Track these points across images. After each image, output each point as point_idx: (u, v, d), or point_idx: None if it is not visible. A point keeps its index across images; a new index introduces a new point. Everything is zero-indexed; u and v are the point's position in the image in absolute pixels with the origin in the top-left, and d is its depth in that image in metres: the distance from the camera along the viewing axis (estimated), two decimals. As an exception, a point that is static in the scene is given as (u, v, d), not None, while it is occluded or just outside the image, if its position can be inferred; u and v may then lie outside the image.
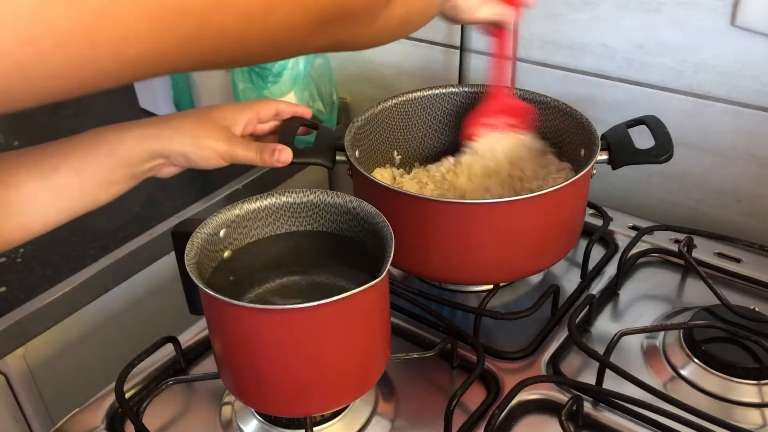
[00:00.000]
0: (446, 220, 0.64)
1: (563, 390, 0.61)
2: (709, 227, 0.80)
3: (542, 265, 0.72)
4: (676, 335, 0.65)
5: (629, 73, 0.86)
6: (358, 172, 0.67)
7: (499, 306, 0.72)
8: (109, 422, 0.61)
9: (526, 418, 0.60)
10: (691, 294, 0.74)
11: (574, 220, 0.71)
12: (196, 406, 0.63)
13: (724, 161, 0.84)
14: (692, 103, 0.83)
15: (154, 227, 0.86)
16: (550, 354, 0.66)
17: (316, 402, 0.54)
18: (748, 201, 0.84)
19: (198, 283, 0.50)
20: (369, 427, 0.59)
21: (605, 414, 0.59)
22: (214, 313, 0.53)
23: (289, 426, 0.58)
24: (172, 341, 0.65)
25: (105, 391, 0.63)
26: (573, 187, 0.64)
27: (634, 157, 0.69)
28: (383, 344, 0.57)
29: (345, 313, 0.50)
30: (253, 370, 0.53)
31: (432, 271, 0.70)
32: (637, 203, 0.92)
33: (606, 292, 0.74)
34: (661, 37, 0.82)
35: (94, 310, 0.81)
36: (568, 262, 0.78)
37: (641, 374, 0.62)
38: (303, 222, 0.61)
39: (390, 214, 0.55)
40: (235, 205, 0.58)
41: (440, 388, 0.64)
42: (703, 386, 0.61)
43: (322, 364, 0.52)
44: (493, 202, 0.66)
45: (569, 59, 0.90)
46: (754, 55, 0.77)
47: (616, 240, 0.81)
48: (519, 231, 0.65)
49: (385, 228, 0.54)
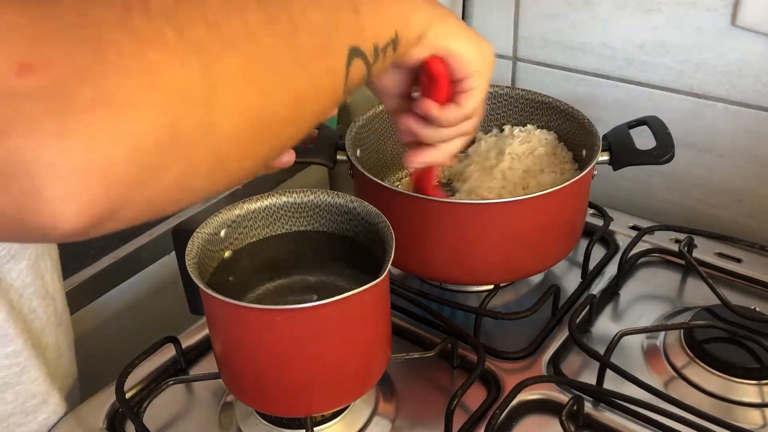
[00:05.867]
0: (447, 220, 0.64)
1: (564, 390, 0.61)
2: (710, 227, 0.80)
3: (543, 266, 0.72)
4: (677, 335, 0.65)
5: (629, 73, 0.86)
6: (359, 171, 0.67)
7: (500, 306, 0.72)
8: (109, 422, 0.61)
9: (527, 418, 0.60)
10: (691, 294, 0.74)
11: (575, 221, 0.71)
12: (196, 406, 0.63)
13: (724, 161, 0.84)
14: (692, 103, 0.83)
15: (154, 227, 0.86)
16: (551, 354, 0.66)
17: (316, 402, 0.54)
18: (749, 201, 0.84)
19: (198, 283, 0.50)
20: (369, 427, 0.59)
21: (606, 414, 0.59)
22: (215, 313, 0.53)
23: (289, 426, 0.58)
24: (173, 341, 0.65)
25: (105, 391, 0.63)
26: (574, 187, 0.64)
27: (635, 158, 0.69)
28: (384, 344, 0.57)
29: (345, 313, 0.50)
30: (253, 370, 0.53)
31: (432, 271, 0.70)
32: (638, 203, 0.92)
33: (606, 292, 0.74)
34: (661, 37, 0.82)
35: (94, 310, 0.81)
36: (569, 262, 0.78)
37: (642, 374, 0.62)
38: (303, 222, 0.61)
39: (390, 214, 0.55)
40: (236, 205, 0.58)
41: (441, 388, 0.63)
42: (704, 386, 0.61)
43: (323, 364, 0.52)
44: (494, 202, 0.66)
45: (569, 59, 0.90)
46: (754, 55, 0.77)
47: (617, 240, 0.81)
48: (520, 231, 0.65)
49: (386, 228, 0.54)
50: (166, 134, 0.27)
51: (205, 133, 0.29)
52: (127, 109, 0.25)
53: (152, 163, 0.27)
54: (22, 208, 0.25)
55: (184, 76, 0.27)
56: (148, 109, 0.26)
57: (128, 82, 0.25)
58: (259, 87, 0.32)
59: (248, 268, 0.58)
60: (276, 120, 0.34)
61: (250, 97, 0.32)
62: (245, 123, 0.32)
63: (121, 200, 0.27)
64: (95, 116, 0.24)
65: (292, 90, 0.35)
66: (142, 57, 0.26)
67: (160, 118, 0.27)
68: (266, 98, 0.33)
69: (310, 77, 0.37)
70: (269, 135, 0.34)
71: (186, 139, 0.28)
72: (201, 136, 0.29)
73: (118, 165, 0.26)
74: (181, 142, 0.28)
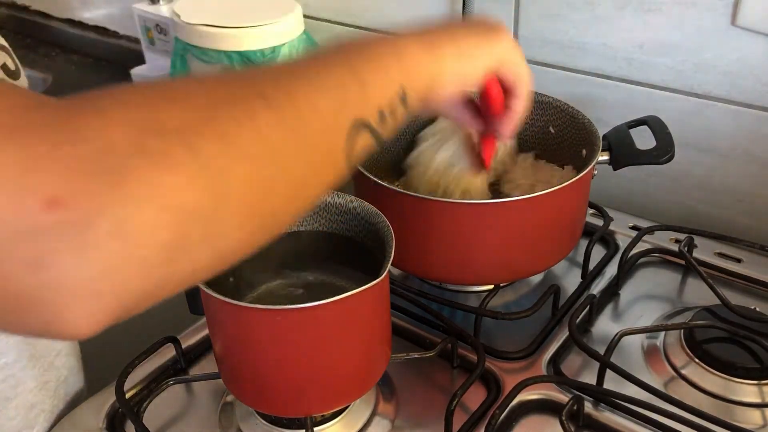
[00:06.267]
0: (447, 220, 0.64)
1: (564, 390, 0.61)
2: (710, 227, 0.80)
3: (543, 266, 0.72)
4: (677, 335, 0.65)
5: (629, 73, 0.86)
6: (358, 171, 0.67)
7: (500, 306, 0.72)
8: (109, 422, 0.61)
9: (527, 419, 0.60)
10: (691, 294, 0.74)
11: (575, 221, 0.71)
12: (196, 406, 0.63)
13: (724, 161, 0.84)
14: (693, 103, 0.83)
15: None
16: (551, 354, 0.66)
17: (316, 402, 0.54)
18: (749, 201, 0.84)
19: (198, 283, 0.50)
20: (369, 428, 0.59)
21: (606, 414, 0.59)
22: (215, 313, 0.53)
23: (289, 426, 0.58)
24: (173, 341, 0.65)
25: (105, 391, 0.63)
26: (574, 187, 0.64)
27: (635, 158, 0.69)
28: (384, 344, 0.57)
29: (345, 313, 0.50)
30: (253, 370, 0.53)
31: (432, 271, 0.70)
32: (638, 203, 0.92)
33: (606, 292, 0.74)
34: (661, 37, 0.82)
35: (94, 310, 0.81)
36: (569, 262, 0.78)
37: (642, 374, 0.61)
38: (303, 222, 0.61)
39: (390, 214, 0.55)
40: (236, 205, 0.58)
41: (440, 388, 0.63)
42: (704, 386, 0.61)
43: (323, 365, 0.52)
44: (494, 202, 0.66)
45: (570, 59, 0.90)
46: (754, 55, 0.77)
47: (617, 240, 0.81)
48: (520, 231, 0.65)
49: (386, 228, 0.54)
50: (174, 250, 0.29)
51: (210, 237, 0.31)
52: (141, 236, 0.27)
53: (161, 275, 0.29)
54: (46, 326, 0.28)
55: (195, 196, 0.29)
56: (161, 232, 0.28)
57: (143, 209, 0.27)
58: (264, 186, 0.33)
59: (248, 268, 0.58)
60: (277, 210, 0.35)
61: (253, 197, 0.33)
62: (248, 221, 0.33)
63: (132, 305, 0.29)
64: (112, 248, 0.27)
65: (292, 179, 0.35)
66: (157, 182, 0.28)
67: (170, 237, 0.28)
68: (268, 193, 0.34)
69: (312, 163, 0.37)
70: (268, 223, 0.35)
71: (192, 248, 0.30)
72: (206, 240, 0.31)
73: (131, 283, 0.28)
74: (187, 251, 0.30)
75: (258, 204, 0.33)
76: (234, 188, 0.31)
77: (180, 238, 0.29)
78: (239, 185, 0.31)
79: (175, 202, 0.28)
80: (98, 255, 0.26)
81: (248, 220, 0.33)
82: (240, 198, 0.32)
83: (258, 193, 0.33)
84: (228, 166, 0.31)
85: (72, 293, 0.27)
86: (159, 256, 0.28)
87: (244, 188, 0.32)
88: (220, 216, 0.31)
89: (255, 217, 0.33)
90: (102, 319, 0.29)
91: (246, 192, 0.32)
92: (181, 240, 0.29)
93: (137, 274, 0.28)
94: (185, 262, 0.30)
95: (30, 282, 0.26)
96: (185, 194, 0.29)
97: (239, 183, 0.31)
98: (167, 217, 0.28)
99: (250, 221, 0.33)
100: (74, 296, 0.27)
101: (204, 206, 0.30)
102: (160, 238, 0.28)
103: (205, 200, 0.30)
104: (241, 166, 0.31)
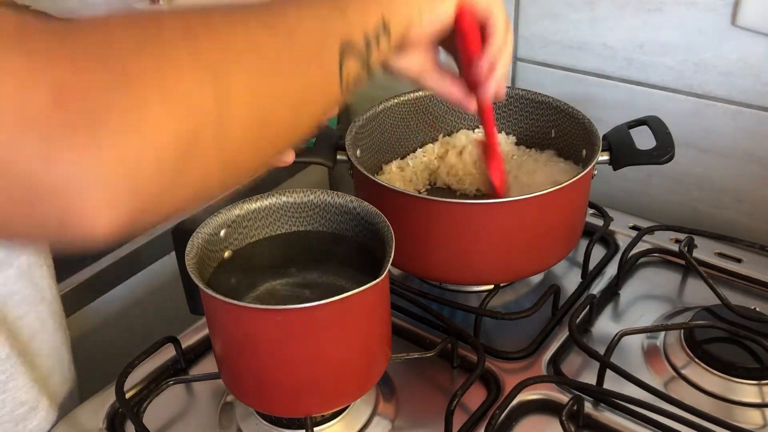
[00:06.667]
0: (447, 220, 0.64)
1: (564, 390, 0.61)
2: (710, 227, 0.80)
3: (543, 266, 0.72)
4: (677, 335, 0.65)
5: (630, 73, 0.86)
6: (358, 171, 0.67)
7: (500, 306, 0.72)
8: (109, 422, 0.61)
9: (527, 419, 0.60)
10: (691, 294, 0.74)
11: (575, 221, 0.71)
12: (196, 406, 0.63)
13: (724, 161, 0.84)
14: (693, 103, 0.83)
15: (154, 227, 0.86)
16: (551, 354, 0.66)
17: (316, 402, 0.54)
18: (749, 201, 0.84)
19: (198, 283, 0.50)
20: (369, 427, 0.59)
21: (606, 414, 0.59)
22: (215, 313, 0.53)
23: (289, 426, 0.58)
24: (173, 341, 0.65)
25: (105, 391, 0.63)
26: (574, 187, 0.64)
27: (635, 158, 0.69)
28: (384, 344, 0.57)
29: (345, 313, 0.50)
30: (253, 370, 0.53)
31: (432, 271, 0.70)
32: (638, 203, 0.92)
33: (606, 292, 0.74)
34: (661, 36, 0.82)
35: (94, 310, 0.81)
36: (569, 262, 0.78)
37: (642, 374, 0.62)
38: (303, 222, 0.61)
39: (390, 214, 0.55)
40: (236, 205, 0.58)
41: (441, 388, 0.63)
42: (704, 386, 0.61)
43: (323, 365, 0.52)
44: (494, 202, 0.65)
45: (570, 59, 0.90)
46: (754, 55, 0.77)
47: (617, 240, 0.81)
48: (520, 231, 0.65)
49: (386, 228, 0.54)
50: (185, 143, 0.30)
51: (218, 141, 0.32)
52: (152, 121, 0.28)
53: (174, 169, 0.30)
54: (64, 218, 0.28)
55: (199, 92, 0.31)
56: (170, 120, 0.29)
57: (151, 99, 0.28)
58: (263, 96, 0.35)
59: (248, 268, 0.58)
60: (278, 125, 0.37)
61: (256, 106, 0.35)
62: (251, 130, 0.35)
63: (148, 205, 0.30)
64: (125, 132, 0.28)
65: (291, 95, 0.38)
66: (161, 77, 0.29)
67: (180, 128, 0.30)
68: (269, 106, 0.36)
69: (308, 81, 0.39)
70: (272, 139, 0.38)
71: (202, 147, 0.31)
72: (214, 145, 0.32)
73: (146, 172, 0.29)
74: (198, 150, 0.31)
75: (259, 115, 0.35)
76: (235, 93, 0.33)
77: (190, 133, 0.30)
78: (240, 91, 0.33)
79: (181, 97, 0.30)
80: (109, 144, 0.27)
81: (251, 130, 0.35)
82: (242, 104, 0.33)
83: (258, 102, 0.35)
84: (227, 70, 0.32)
85: (86, 183, 0.27)
86: (169, 150, 0.29)
87: (245, 95, 0.33)
88: (224, 118, 0.32)
89: (257, 128, 0.35)
90: (118, 215, 0.28)
91: (246, 99, 0.34)
92: (191, 136, 0.30)
93: (150, 163, 0.29)
94: (195, 163, 0.31)
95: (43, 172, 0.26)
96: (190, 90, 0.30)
97: (239, 88, 0.33)
98: (175, 109, 0.29)
99: (253, 131, 0.35)
100: (88, 186, 0.27)
101: (208, 104, 0.31)
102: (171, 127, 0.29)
103: (209, 98, 0.31)
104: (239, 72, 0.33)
